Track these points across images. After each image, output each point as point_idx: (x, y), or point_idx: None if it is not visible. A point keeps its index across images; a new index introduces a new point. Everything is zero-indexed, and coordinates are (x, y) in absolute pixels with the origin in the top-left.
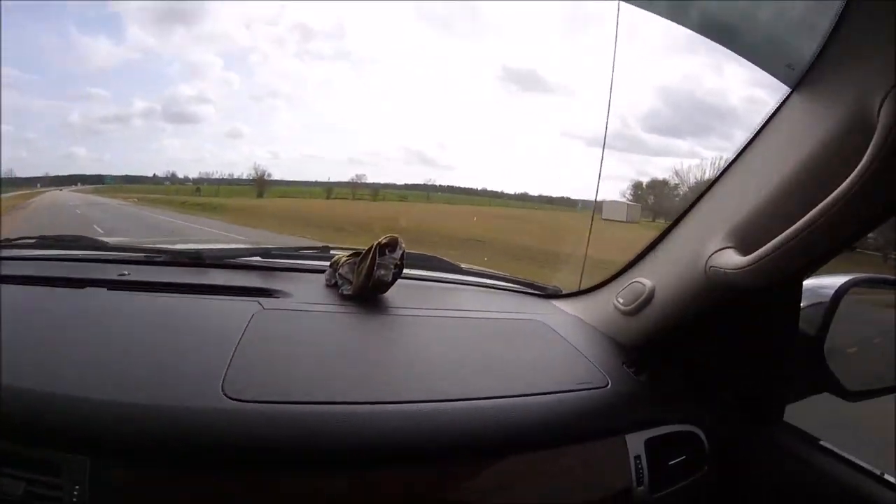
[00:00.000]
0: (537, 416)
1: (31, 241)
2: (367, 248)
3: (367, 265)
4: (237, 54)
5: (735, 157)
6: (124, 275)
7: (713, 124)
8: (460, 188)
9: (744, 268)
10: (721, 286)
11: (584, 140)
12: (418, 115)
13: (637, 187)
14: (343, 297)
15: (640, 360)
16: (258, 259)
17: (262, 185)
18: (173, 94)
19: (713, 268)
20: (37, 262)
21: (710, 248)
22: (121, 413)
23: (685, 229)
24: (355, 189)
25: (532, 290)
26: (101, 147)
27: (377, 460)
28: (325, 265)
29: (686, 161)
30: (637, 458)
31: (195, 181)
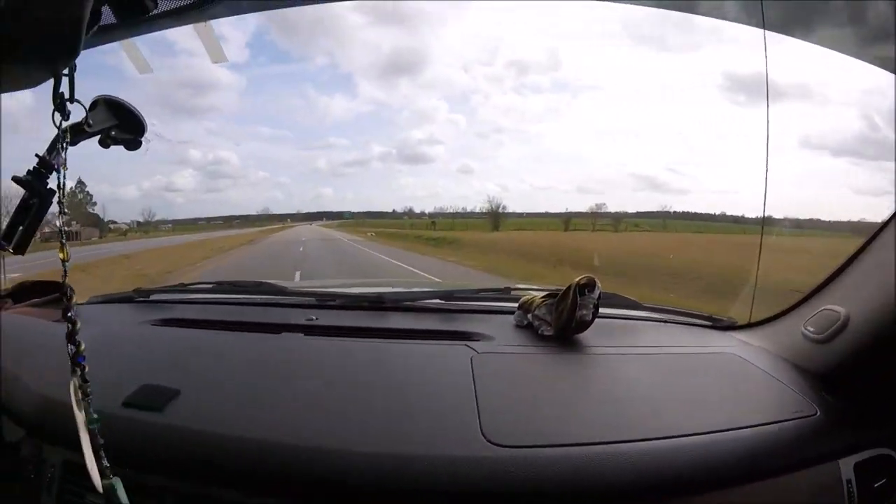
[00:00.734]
0: (749, 449)
1: (209, 285)
2: (564, 289)
3: (567, 306)
4: (459, 97)
5: None
6: (312, 319)
7: None
8: (697, 214)
9: None
10: None
11: (830, 150)
12: (643, 138)
13: None
14: (542, 338)
15: (838, 387)
16: (439, 301)
17: (496, 218)
18: (406, 137)
19: None
20: (216, 307)
21: None
22: (383, 464)
23: (881, 253)
24: (595, 219)
25: (709, 323)
26: (344, 187)
27: (635, 498)
28: (508, 306)
29: None
30: (848, 481)
31: (430, 215)
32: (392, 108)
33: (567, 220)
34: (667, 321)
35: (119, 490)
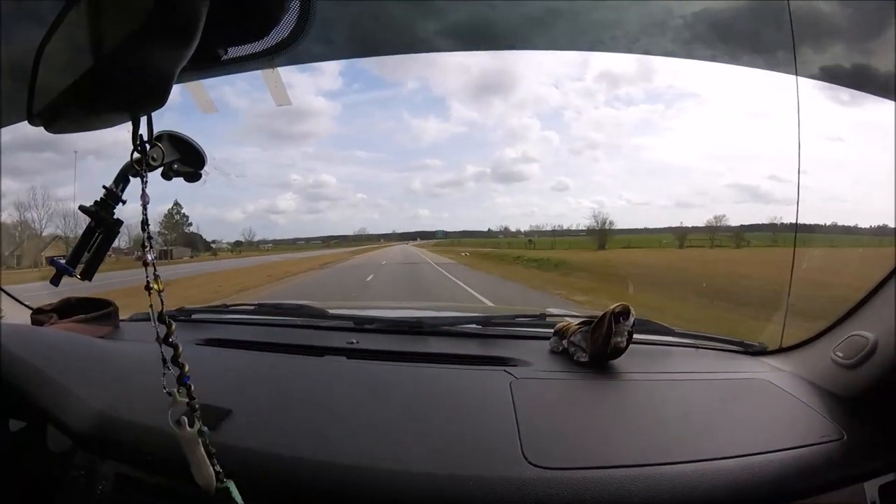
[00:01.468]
0: (778, 472)
1: (251, 306)
2: (599, 316)
3: (603, 333)
4: (551, 113)
5: None
6: (353, 343)
7: None
8: (805, 226)
9: None
10: None
11: None
12: (741, 146)
13: None
14: (577, 364)
15: (865, 411)
16: (477, 326)
17: (602, 236)
18: (500, 157)
19: None
20: (257, 328)
21: None
22: (427, 485)
23: None
24: (714, 234)
25: (741, 349)
26: (440, 207)
27: None
28: (544, 332)
29: None
30: (874, 503)
31: (526, 234)
32: (485, 127)
33: (682, 236)
34: (699, 347)
35: (234, 492)
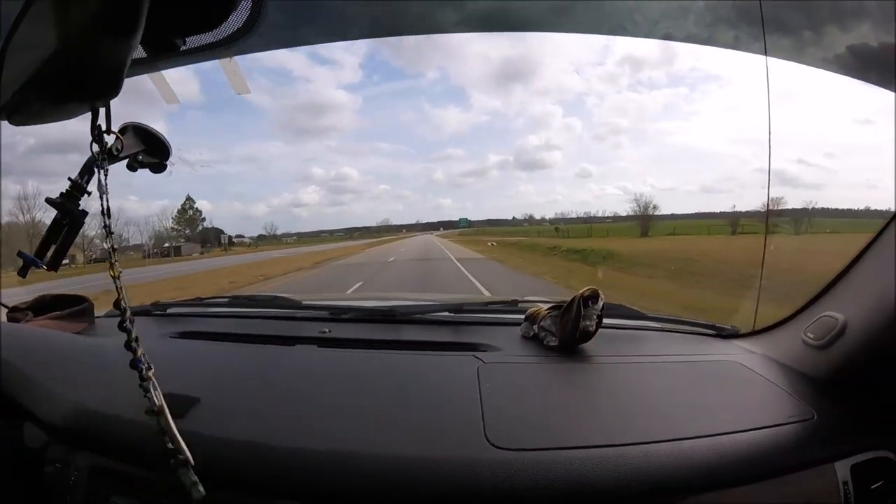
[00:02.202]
0: (746, 452)
1: (225, 299)
2: (568, 301)
3: (572, 317)
4: (574, 100)
5: None
6: (325, 332)
7: None
8: (836, 210)
9: None
10: None
11: None
12: (767, 130)
13: None
14: (547, 348)
15: (836, 391)
16: (448, 314)
17: (646, 222)
18: (522, 145)
19: None
20: (232, 320)
21: None
22: (387, 466)
23: (877, 259)
24: (771, 219)
25: (712, 332)
26: (463, 197)
27: (635, 499)
28: (514, 318)
29: None
30: (845, 483)
31: (551, 221)
32: (507, 116)
33: (735, 221)
34: (671, 331)
35: (190, 475)
